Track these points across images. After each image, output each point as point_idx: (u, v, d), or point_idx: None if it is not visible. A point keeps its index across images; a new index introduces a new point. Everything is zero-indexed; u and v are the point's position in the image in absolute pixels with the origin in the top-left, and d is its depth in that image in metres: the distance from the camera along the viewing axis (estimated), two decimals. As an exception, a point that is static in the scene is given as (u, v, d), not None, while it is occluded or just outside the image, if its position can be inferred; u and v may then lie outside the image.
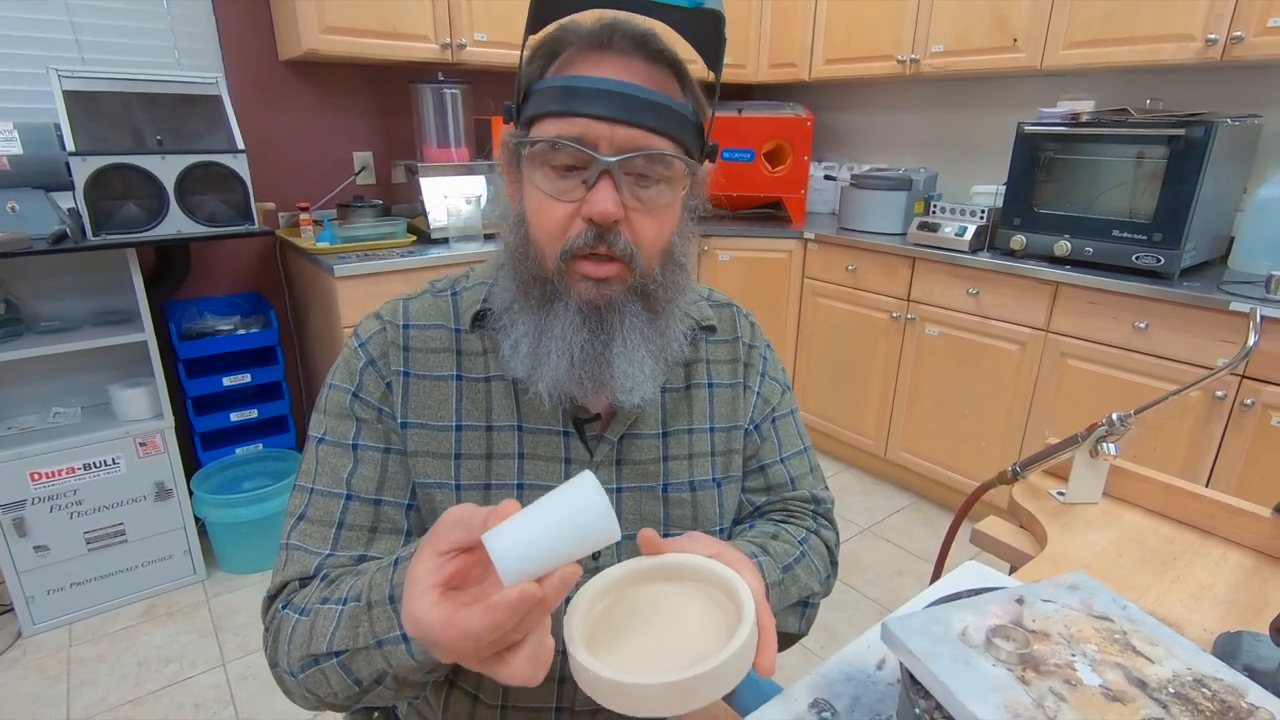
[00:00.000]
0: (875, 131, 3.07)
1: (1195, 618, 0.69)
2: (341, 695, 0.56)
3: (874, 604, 2.00)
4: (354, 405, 0.66)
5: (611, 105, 0.57)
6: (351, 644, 0.53)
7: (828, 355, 2.70)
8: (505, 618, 0.40)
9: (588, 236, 0.59)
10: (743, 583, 0.50)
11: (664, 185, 0.61)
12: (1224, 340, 1.71)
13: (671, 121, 0.59)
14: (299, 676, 0.57)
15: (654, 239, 0.62)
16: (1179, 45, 1.89)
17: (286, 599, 0.61)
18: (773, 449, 0.78)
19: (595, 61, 0.59)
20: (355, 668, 0.53)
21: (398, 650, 0.50)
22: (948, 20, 2.35)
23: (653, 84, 0.59)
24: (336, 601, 0.56)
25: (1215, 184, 1.84)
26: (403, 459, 0.66)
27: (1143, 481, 0.88)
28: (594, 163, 0.57)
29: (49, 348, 1.75)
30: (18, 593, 1.78)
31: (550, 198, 0.60)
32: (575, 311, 0.62)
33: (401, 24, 2.13)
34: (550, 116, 0.59)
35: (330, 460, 0.65)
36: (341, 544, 0.63)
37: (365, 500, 0.65)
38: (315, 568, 0.62)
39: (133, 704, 1.61)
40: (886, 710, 0.56)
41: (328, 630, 0.55)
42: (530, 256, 0.63)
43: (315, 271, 2.08)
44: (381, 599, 0.52)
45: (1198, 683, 0.46)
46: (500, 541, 0.41)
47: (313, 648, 0.55)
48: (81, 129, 1.66)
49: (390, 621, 0.51)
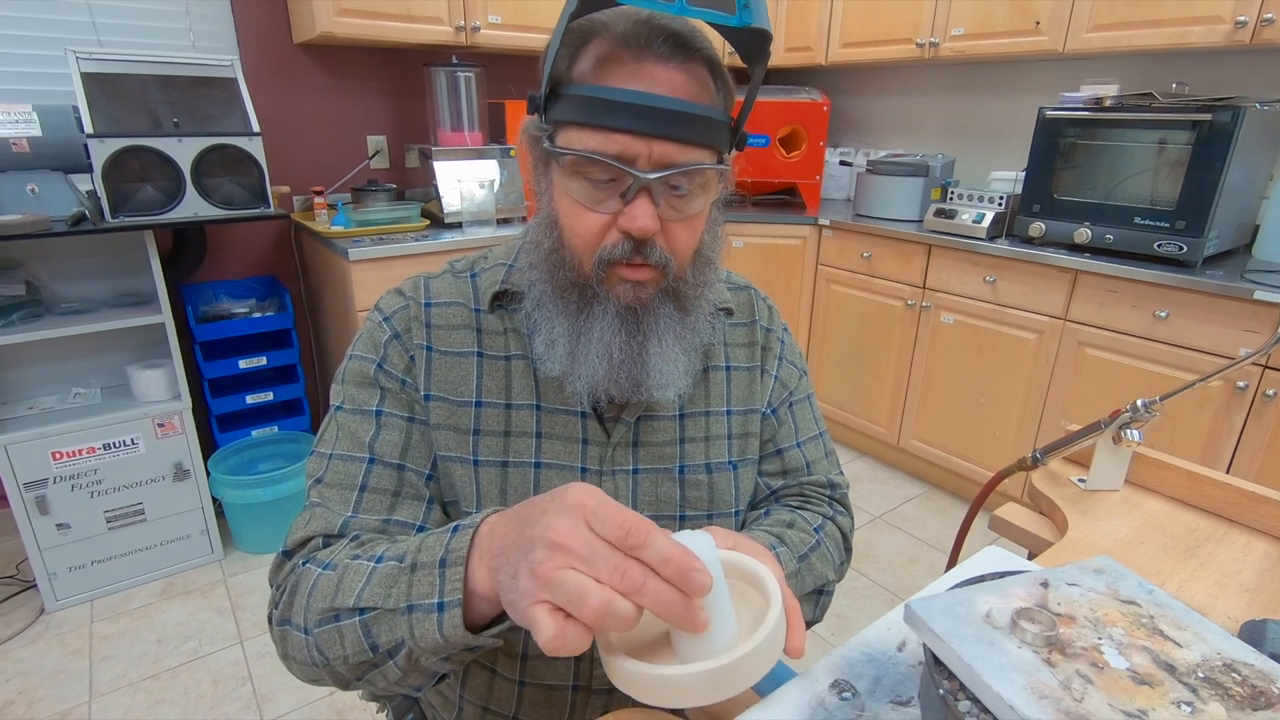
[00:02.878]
0: (892, 116, 3.03)
1: (1219, 605, 0.68)
2: (352, 659, 0.52)
3: (886, 591, 2.00)
4: (378, 375, 0.66)
5: (651, 121, 0.55)
6: (381, 602, 0.50)
7: (842, 342, 2.69)
8: (656, 551, 0.40)
9: (624, 248, 0.59)
10: (766, 569, 0.50)
11: (699, 194, 0.61)
12: (1247, 330, 1.69)
13: (707, 131, 0.58)
14: (313, 632, 0.54)
15: (687, 245, 0.63)
16: (1207, 28, 1.84)
17: (309, 554, 0.59)
18: (789, 433, 0.78)
19: (632, 69, 0.56)
20: (376, 630, 0.51)
21: (428, 620, 0.48)
22: (969, 3, 2.31)
23: (690, 92, 0.57)
24: (370, 559, 0.54)
25: (1241, 170, 1.80)
26: (425, 430, 0.66)
27: (1165, 469, 0.87)
28: (634, 180, 0.57)
29: (69, 329, 1.76)
30: (40, 569, 1.81)
31: (585, 208, 0.59)
32: (614, 315, 0.62)
33: (415, 6, 2.12)
34: (585, 127, 0.57)
35: (351, 426, 0.65)
36: (364, 506, 0.62)
37: (388, 464, 0.64)
38: (340, 526, 0.61)
39: (153, 679, 1.64)
40: (908, 691, 0.55)
41: (356, 585, 0.52)
42: (566, 262, 0.62)
43: (330, 255, 2.08)
44: (430, 561, 0.49)
45: (1227, 667, 0.45)
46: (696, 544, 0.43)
47: (337, 601, 0.53)
48: (99, 111, 1.66)
49: (432, 587, 0.48)
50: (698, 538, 0.44)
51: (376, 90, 2.45)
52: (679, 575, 0.40)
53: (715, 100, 0.60)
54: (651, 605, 0.40)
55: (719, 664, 0.42)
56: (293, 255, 2.42)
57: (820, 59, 2.79)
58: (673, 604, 0.40)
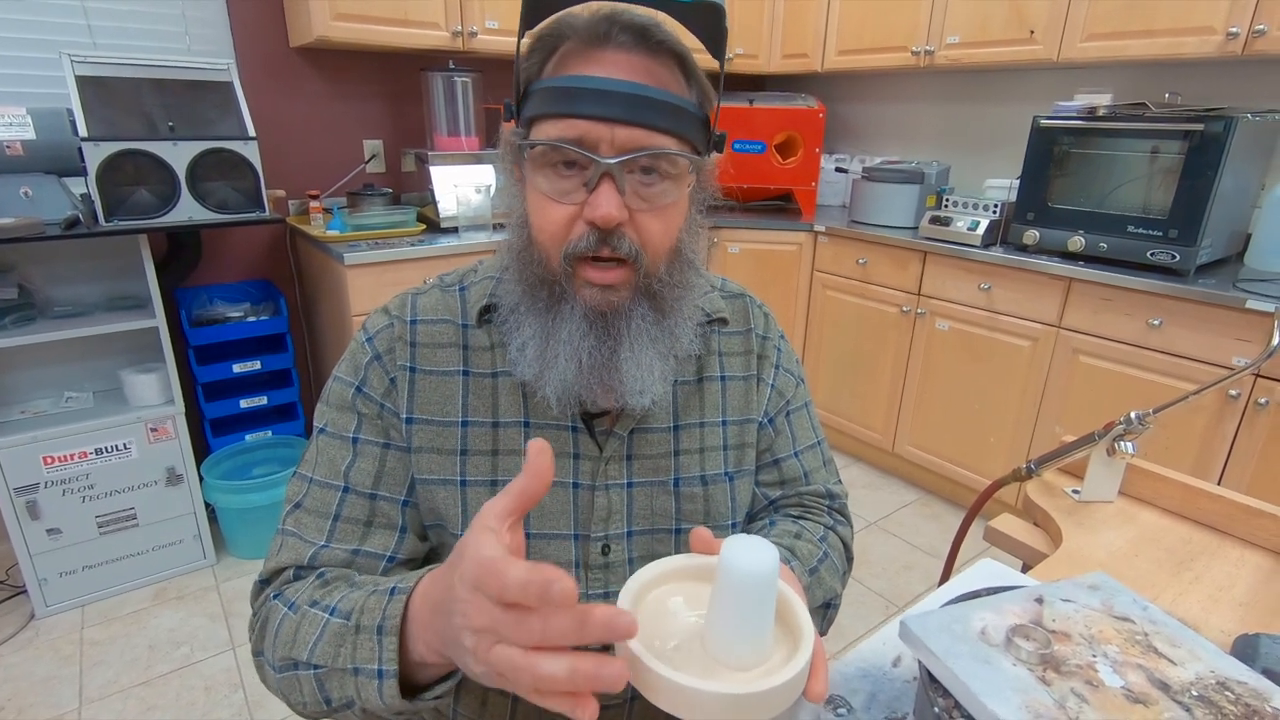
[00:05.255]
0: (887, 124, 3.04)
1: (1213, 619, 0.68)
2: (310, 707, 0.55)
3: (881, 598, 2.00)
4: (356, 399, 0.66)
5: (611, 105, 0.55)
6: (331, 661, 0.52)
7: (837, 349, 2.69)
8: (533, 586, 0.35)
9: (590, 240, 0.58)
10: (802, 604, 0.47)
11: (668, 183, 0.59)
12: (1239, 339, 1.70)
13: (674, 118, 0.57)
14: (278, 675, 0.57)
15: (660, 238, 0.61)
16: (1200, 39, 1.86)
17: (279, 588, 0.61)
18: (786, 442, 0.78)
19: (594, 58, 0.57)
20: (329, 686, 0.53)
21: (370, 685, 0.49)
22: (964, 11, 2.32)
23: (654, 79, 0.57)
24: (325, 609, 0.55)
25: (1233, 180, 1.82)
26: (402, 455, 0.66)
27: (1159, 481, 0.88)
28: (594, 165, 0.56)
29: (62, 333, 1.75)
30: (31, 575, 1.80)
31: (551, 200, 0.59)
32: (581, 316, 0.61)
33: (412, 11, 2.12)
34: (550, 118, 0.57)
35: (329, 451, 0.66)
36: (337, 536, 0.63)
37: (361, 494, 0.64)
38: (310, 557, 0.62)
39: (144, 685, 1.63)
40: (903, 708, 0.55)
41: (310, 638, 0.54)
42: (534, 258, 0.61)
43: (325, 259, 2.08)
44: (370, 625, 0.50)
45: (1221, 686, 0.45)
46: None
47: (294, 651, 0.55)
48: (94, 114, 1.65)
49: (371, 653, 0.49)
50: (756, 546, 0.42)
51: (373, 95, 2.45)
52: (541, 599, 0.36)
53: (686, 93, 0.60)
54: (559, 643, 0.37)
55: (745, 690, 0.40)
56: (288, 260, 2.41)
57: (816, 66, 2.80)
58: (564, 635, 0.36)
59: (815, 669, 0.46)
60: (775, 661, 0.45)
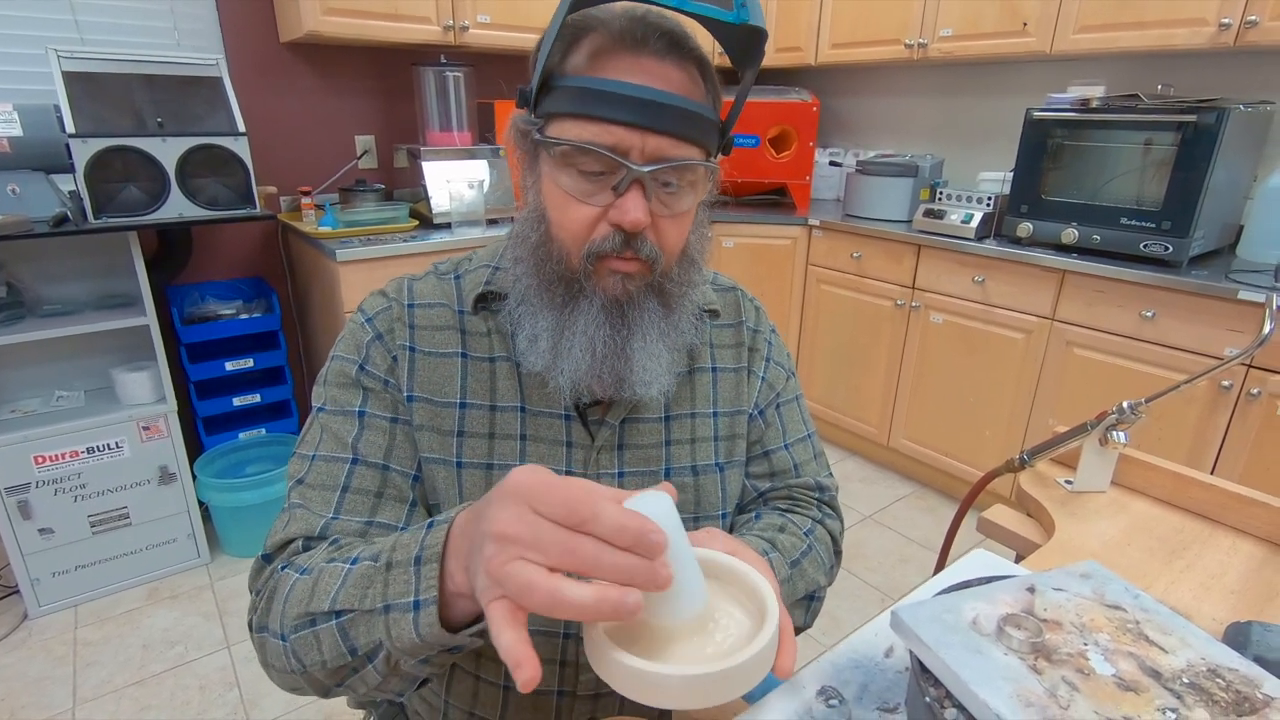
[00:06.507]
0: (881, 117, 3.03)
1: (1204, 607, 0.68)
2: (330, 663, 0.51)
3: (876, 591, 2.01)
4: (360, 375, 0.66)
5: (646, 114, 0.55)
6: (357, 604, 0.49)
7: (831, 342, 2.69)
8: (608, 522, 0.38)
9: (615, 241, 0.59)
10: (765, 582, 0.49)
11: (687, 190, 0.61)
12: (1232, 329, 1.70)
13: (699, 128, 0.58)
14: (289, 638, 0.53)
15: (676, 242, 0.63)
16: (1192, 30, 1.86)
17: (288, 559, 0.58)
18: (777, 435, 0.78)
19: (629, 63, 0.57)
20: (354, 633, 0.49)
21: (404, 619, 0.46)
22: (957, 4, 2.32)
23: (683, 88, 0.58)
24: (346, 561, 0.52)
25: (1225, 171, 1.82)
26: (409, 430, 0.66)
27: (1152, 470, 0.88)
28: (626, 172, 0.56)
29: (51, 331, 1.74)
30: (23, 575, 1.79)
31: (575, 199, 0.59)
32: (599, 307, 0.62)
33: (403, 6, 2.10)
34: (580, 118, 0.57)
35: (334, 427, 0.64)
36: (346, 508, 0.61)
37: (371, 465, 0.63)
38: (320, 528, 0.60)
39: (138, 685, 1.62)
40: (895, 698, 0.55)
41: (332, 588, 0.51)
42: (552, 254, 0.62)
43: (317, 256, 2.07)
44: (406, 559, 0.48)
45: (1212, 673, 0.45)
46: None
47: (313, 605, 0.51)
48: (81, 111, 1.64)
49: (407, 585, 0.46)
50: (653, 498, 0.42)
51: (364, 90, 2.43)
52: (636, 541, 0.38)
53: (705, 100, 0.61)
54: (612, 577, 0.38)
55: (704, 671, 0.41)
56: (280, 256, 2.40)
57: (810, 59, 2.79)
58: (635, 571, 0.38)
59: (783, 645, 0.47)
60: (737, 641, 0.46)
